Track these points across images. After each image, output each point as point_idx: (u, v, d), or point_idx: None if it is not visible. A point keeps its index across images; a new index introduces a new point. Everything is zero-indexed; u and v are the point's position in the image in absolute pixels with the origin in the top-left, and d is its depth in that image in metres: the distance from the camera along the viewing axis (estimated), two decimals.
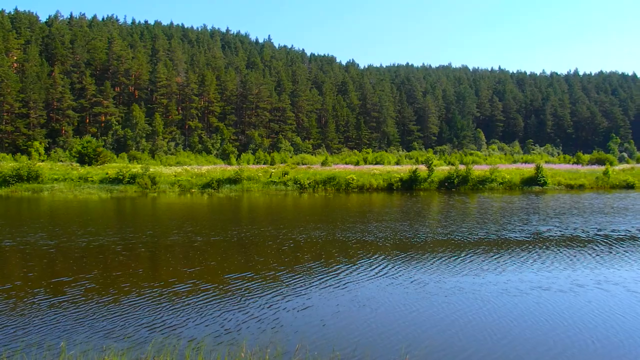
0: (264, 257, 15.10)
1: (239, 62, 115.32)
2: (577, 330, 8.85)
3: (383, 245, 16.94)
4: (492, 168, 50.40)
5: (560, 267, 13.49)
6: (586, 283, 11.87)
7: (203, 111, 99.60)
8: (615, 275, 12.69)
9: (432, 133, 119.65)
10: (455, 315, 9.63)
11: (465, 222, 22.97)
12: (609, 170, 50.80)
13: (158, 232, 20.07)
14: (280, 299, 10.56)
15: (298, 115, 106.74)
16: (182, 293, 10.98)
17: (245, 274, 12.70)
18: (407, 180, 47.55)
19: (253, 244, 17.31)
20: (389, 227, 21.20)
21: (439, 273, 12.95)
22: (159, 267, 13.98)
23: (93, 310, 9.75)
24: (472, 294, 10.95)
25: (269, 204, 34.45)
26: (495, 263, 14.03)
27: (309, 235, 18.71)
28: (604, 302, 10.39)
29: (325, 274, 12.85)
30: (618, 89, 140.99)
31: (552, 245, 16.87)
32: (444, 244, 17.06)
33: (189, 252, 15.85)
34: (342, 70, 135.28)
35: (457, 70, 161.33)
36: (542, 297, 10.75)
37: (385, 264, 13.97)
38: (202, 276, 12.52)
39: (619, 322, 9.25)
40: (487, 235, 18.83)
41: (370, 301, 10.43)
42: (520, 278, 12.31)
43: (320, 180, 47.98)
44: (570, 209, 28.22)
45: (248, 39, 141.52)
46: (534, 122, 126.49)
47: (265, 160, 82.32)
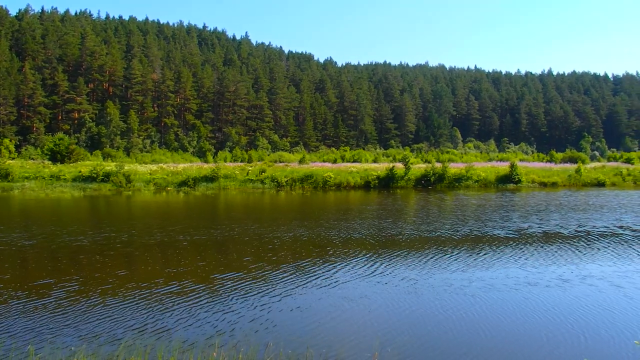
0: (240, 256, 14.88)
1: (215, 59, 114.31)
2: (568, 325, 8.89)
3: (364, 242, 16.85)
4: (468, 166, 50.82)
5: (545, 263, 13.62)
6: (572, 278, 12.00)
7: (179, 108, 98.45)
8: (599, 270, 12.86)
9: (409, 131, 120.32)
10: (444, 310, 9.63)
11: (447, 219, 23.07)
12: (581, 169, 51.67)
13: (133, 231, 19.63)
14: (254, 298, 10.41)
15: (276, 113, 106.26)
16: (156, 293, 10.73)
17: (220, 273, 12.50)
18: (384, 178, 47.64)
19: (230, 242, 17.05)
20: (371, 224, 21.14)
21: (423, 269, 12.93)
22: (134, 267, 13.65)
23: (65, 311, 9.47)
24: (461, 290, 11.01)
25: (246, 202, 34.12)
26: (481, 259, 14.13)
27: (286, 234, 18.51)
28: (591, 297, 10.50)
29: (301, 272, 12.70)
30: (590, 89, 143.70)
31: (535, 241, 17.05)
32: (429, 241, 17.09)
33: (165, 251, 15.55)
34: (320, 68, 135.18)
35: (434, 69, 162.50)
36: (530, 292, 10.83)
37: (366, 261, 13.89)
38: (178, 276, 12.28)
39: (608, 317, 9.32)
40: (470, 232, 18.96)
41: (351, 298, 10.33)
42: (507, 274, 12.40)
43: (297, 178, 47.77)
44: (548, 206, 28.59)
45: (225, 36, 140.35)
46: (509, 121, 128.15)
47: (242, 158, 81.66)
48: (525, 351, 7.85)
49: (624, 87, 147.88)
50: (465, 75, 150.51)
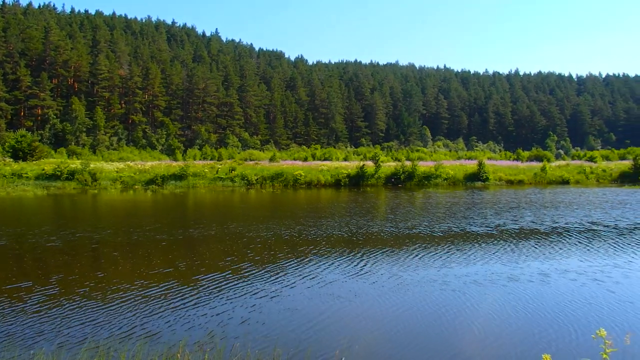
0: (209, 256, 14.59)
1: (185, 56, 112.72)
2: (554, 319, 8.95)
3: (343, 240, 16.75)
4: (437, 164, 51.40)
5: (525, 259, 13.82)
6: (552, 273, 12.19)
7: (147, 105, 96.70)
8: (578, 265, 13.08)
9: (379, 129, 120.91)
10: (424, 306, 9.68)
11: (425, 217, 23.21)
12: (546, 167, 52.79)
13: (108, 231, 19.08)
14: (222, 298, 10.21)
15: (246, 111, 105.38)
16: (120, 293, 10.40)
17: (189, 273, 12.21)
18: (354, 176, 47.78)
19: (198, 242, 16.70)
20: (349, 222, 21.07)
21: (405, 266, 12.94)
22: (99, 267, 13.19)
23: (25, 314, 9.10)
24: (445, 285, 11.08)
25: (217, 201, 33.69)
26: (462, 255, 14.27)
27: (257, 233, 18.23)
28: (574, 292, 10.65)
29: (270, 271, 12.47)
30: (555, 89, 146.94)
31: (513, 237, 17.32)
32: (409, 238, 17.14)
33: (131, 251, 15.15)
34: (290, 66, 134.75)
35: (404, 68, 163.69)
36: (514, 287, 10.96)
37: (345, 259, 13.81)
38: (143, 276, 11.94)
39: (592, 310, 9.44)
40: (449, 229, 19.13)
41: (326, 295, 10.21)
42: (489, 270, 12.53)
43: (268, 176, 47.52)
44: (520, 204, 29.12)
45: (195, 32, 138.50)
46: (477, 120, 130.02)
47: (212, 156, 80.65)
48: (509, 344, 7.86)
49: (587, 87, 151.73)
50: (435, 75, 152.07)
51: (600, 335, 4.46)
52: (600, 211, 25.01)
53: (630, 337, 7.00)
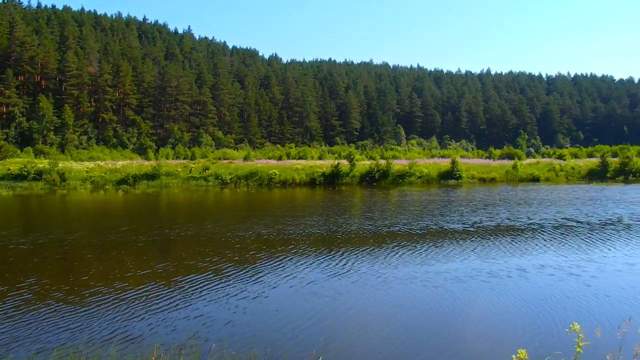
0: (186, 257, 14.30)
1: (157, 53, 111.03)
2: (533, 314, 9.01)
3: (319, 239, 16.64)
4: (411, 162, 51.69)
5: (503, 255, 13.98)
6: (530, 268, 12.35)
7: (118, 103, 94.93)
8: (555, 260, 13.28)
9: (354, 128, 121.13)
10: (405, 302, 9.70)
11: (403, 214, 23.29)
12: (517, 165, 53.59)
13: (71, 232, 18.58)
14: (200, 299, 10.01)
15: (219, 109, 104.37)
16: (97, 297, 10.11)
17: (161, 275, 11.93)
18: (329, 175, 47.73)
19: (176, 242, 16.39)
20: (328, 221, 20.99)
21: (386, 263, 12.92)
22: (73, 270, 12.82)
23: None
24: (427, 282, 11.13)
25: (192, 201, 33.23)
26: (442, 252, 14.38)
27: (236, 233, 17.99)
28: (552, 286, 10.79)
29: (250, 271, 12.26)
30: (526, 88, 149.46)
31: (490, 234, 17.52)
32: (389, 236, 17.18)
33: (106, 253, 14.78)
34: (264, 64, 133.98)
35: (378, 66, 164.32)
36: (494, 283, 11.06)
37: (324, 257, 13.71)
38: (119, 278, 11.62)
39: (570, 304, 9.56)
40: (427, 226, 19.26)
41: (306, 294, 10.08)
42: (469, 266, 12.64)
43: (242, 176, 47.15)
44: (495, 201, 29.54)
45: (167, 29, 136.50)
46: (450, 119, 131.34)
47: (185, 155, 79.59)
48: (488, 339, 7.91)
49: (557, 86, 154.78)
50: (408, 74, 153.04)
51: (573, 330, 4.53)
52: (572, 208, 25.48)
53: (600, 330, 7.02)
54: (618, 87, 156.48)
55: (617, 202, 28.33)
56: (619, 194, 33.76)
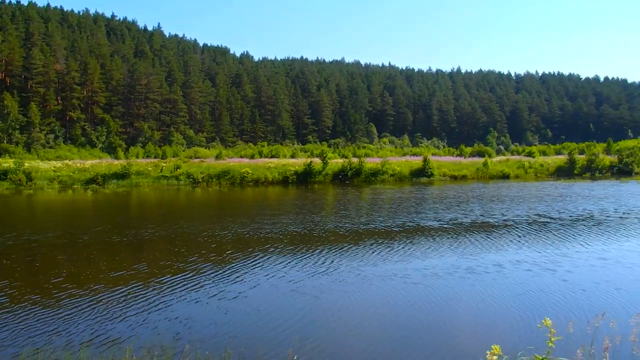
0: (157, 256, 14.04)
1: (126, 50, 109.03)
2: (510, 309, 9.11)
3: (297, 237, 16.56)
4: (384, 161, 51.98)
5: (480, 251, 14.15)
6: (507, 264, 12.51)
7: (86, 102, 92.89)
8: (530, 256, 13.48)
9: (326, 126, 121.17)
10: (382, 299, 9.73)
11: (379, 212, 23.41)
12: (488, 162, 54.38)
13: (40, 232, 18.06)
14: (170, 300, 9.83)
15: (191, 108, 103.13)
16: (68, 298, 9.86)
17: (138, 276, 11.68)
18: (302, 174, 47.66)
19: (147, 242, 16.08)
20: (305, 219, 20.93)
21: (365, 261, 12.93)
22: (41, 271, 12.46)
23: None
24: (407, 278, 11.19)
25: (162, 200, 32.74)
26: (420, 249, 14.46)
27: (214, 232, 17.78)
28: (529, 281, 10.95)
29: (217, 272, 12.10)
30: (495, 86, 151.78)
31: (466, 231, 17.70)
32: (367, 234, 17.23)
33: (74, 253, 14.41)
34: (236, 62, 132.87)
35: (350, 65, 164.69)
36: (472, 279, 11.16)
37: (303, 256, 13.62)
38: (91, 279, 11.37)
39: (547, 299, 9.72)
40: (404, 224, 19.36)
41: (283, 293, 9.96)
42: (447, 262, 12.75)
43: (214, 174, 46.74)
44: (468, 198, 29.87)
45: (136, 26, 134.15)
46: (421, 117, 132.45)
47: (156, 154, 78.36)
48: (466, 335, 7.96)
49: (525, 85, 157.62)
50: (380, 72, 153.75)
51: (545, 325, 4.58)
52: (543, 204, 25.95)
53: (572, 325, 7.14)
54: (584, 85, 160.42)
55: (586, 198, 28.98)
56: (587, 190, 34.53)
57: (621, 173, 53.36)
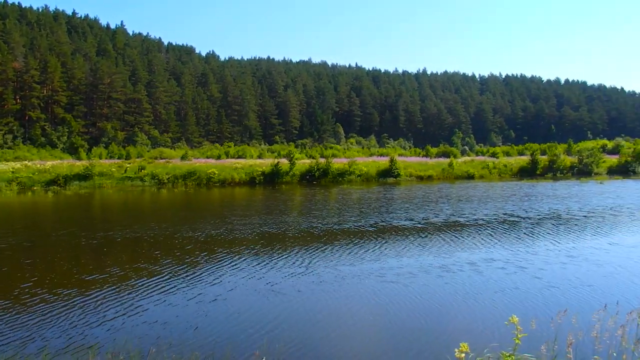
0: (126, 260, 13.65)
1: (88, 49, 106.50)
2: (483, 307, 9.22)
3: (271, 237, 16.43)
4: (351, 161, 52.17)
5: (453, 250, 14.31)
6: (480, 262, 12.66)
7: (46, 101, 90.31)
8: (503, 254, 13.70)
9: (293, 127, 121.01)
10: (355, 299, 9.72)
11: (349, 212, 23.38)
12: (453, 163, 55.17)
13: (11, 239, 17.40)
14: (137, 303, 9.62)
15: (155, 107, 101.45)
16: (38, 303, 9.54)
17: (97, 278, 11.34)
18: (269, 174, 47.45)
19: (111, 245, 15.61)
20: (277, 220, 20.77)
21: (340, 261, 12.89)
22: (7, 276, 12.01)
23: None
24: (383, 277, 11.24)
25: (128, 201, 32.06)
26: (394, 248, 14.54)
27: (179, 234, 17.44)
28: (503, 279, 11.10)
29: (183, 272, 11.89)
30: (460, 88, 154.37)
31: (438, 230, 17.87)
32: (341, 234, 17.20)
33: (38, 257, 13.87)
34: (202, 62, 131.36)
35: (316, 65, 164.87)
36: (448, 277, 11.27)
37: (278, 256, 13.53)
38: (59, 283, 11.00)
39: (520, 296, 9.84)
40: (377, 223, 19.44)
41: (254, 294, 9.78)
42: (421, 261, 12.85)
43: (180, 175, 46.10)
44: (437, 198, 30.25)
45: (98, 24, 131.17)
46: (388, 117, 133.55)
47: (119, 154, 76.74)
48: (437, 334, 8.02)
49: (489, 86, 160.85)
50: (347, 73, 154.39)
51: (512, 322, 4.62)
52: (510, 204, 26.46)
53: (538, 321, 7.24)
54: (546, 87, 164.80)
55: (551, 198, 29.68)
56: (550, 190, 35.36)
57: (581, 173, 54.87)
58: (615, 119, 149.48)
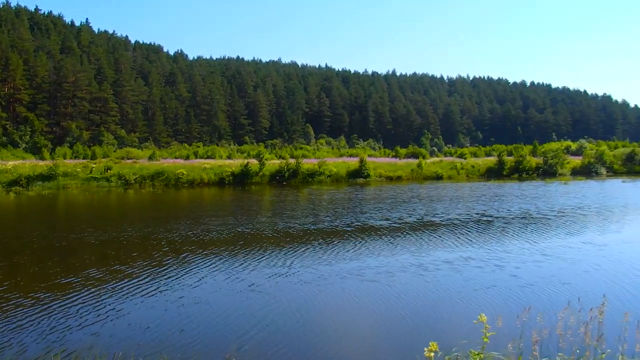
0: (94, 261, 13.26)
1: (51, 46, 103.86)
2: (459, 305, 9.29)
3: (248, 237, 16.26)
4: (321, 162, 52.23)
5: (430, 248, 14.45)
6: (457, 261, 12.80)
7: (8, 99, 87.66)
8: (479, 253, 13.86)
9: (263, 127, 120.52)
10: (329, 299, 9.69)
11: (324, 213, 23.35)
12: (422, 163, 55.79)
13: None
14: (102, 305, 9.38)
15: (122, 107, 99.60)
16: (4, 305, 9.31)
17: (74, 281, 11.01)
18: (239, 175, 47.12)
19: (80, 247, 15.19)
20: (251, 220, 20.58)
21: (319, 260, 12.85)
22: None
23: None
24: (362, 276, 11.30)
25: (93, 202, 31.36)
26: (371, 248, 14.60)
27: (136, 235, 17.09)
28: (480, 277, 11.24)
29: (162, 274, 11.64)
30: (429, 89, 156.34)
31: (414, 229, 18.00)
32: (316, 234, 17.12)
33: (5, 260, 13.39)
34: (170, 61, 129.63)
35: (286, 65, 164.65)
36: (428, 276, 11.34)
37: (256, 256, 13.42)
38: (24, 285, 10.69)
39: (497, 294, 9.94)
40: (353, 223, 19.45)
41: (235, 295, 9.63)
42: (399, 260, 12.90)
43: (147, 176, 45.36)
44: (410, 198, 30.46)
45: (62, 21, 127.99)
46: (358, 118, 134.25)
47: (85, 154, 75.02)
48: (410, 333, 8.05)
49: (457, 88, 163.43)
50: (317, 73, 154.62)
51: (481, 320, 4.67)
52: (481, 204, 26.84)
53: (504, 319, 7.32)
54: (512, 89, 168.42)
55: (520, 198, 30.24)
56: (518, 190, 36.02)
57: (546, 174, 56.13)
58: (579, 121, 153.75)
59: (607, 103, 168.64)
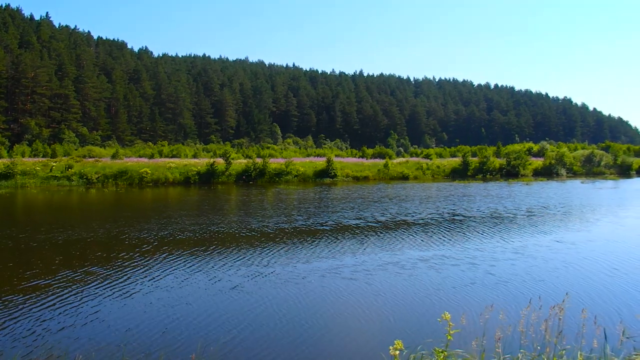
0: (67, 262, 12.83)
1: (9, 40, 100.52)
2: (436, 303, 9.33)
3: (221, 238, 16.01)
4: (288, 161, 52.13)
5: (407, 247, 14.53)
6: (433, 259, 12.90)
7: None
8: (453, 251, 13.98)
9: (229, 126, 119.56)
10: (302, 298, 9.67)
11: (296, 212, 23.25)
12: (389, 164, 56.28)
13: None
14: (62, 307, 9.10)
15: (84, 104, 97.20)
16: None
17: (50, 283, 10.66)
18: (204, 174, 46.65)
19: (50, 248, 14.66)
20: (220, 220, 20.27)
21: (296, 258, 12.75)
22: None
23: None
24: (339, 274, 11.34)
25: (53, 202, 30.49)
26: (347, 246, 14.64)
27: (107, 235, 16.65)
28: (458, 275, 11.34)
29: (130, 275, 11.35)
30: (396, 90, 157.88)
31: (388, 228, 18.11)
32: (292, 233, 17.04)
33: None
34: (134, 57, 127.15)
35: (253, 64, 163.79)
36: (405, 274, 11.37)
37: (232, 255, 13.32)
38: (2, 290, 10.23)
39: (474, 292, 10.02)
40: (326, 222, 19.44)
41: (203, 294, 9.47)
42: (375, 259, 12.94)
43: (110, 175, 44.41)
44: (381, 198, 30.65)
45: (20, 15, 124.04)
46: (325, 118, 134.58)
47: (44, 152, 72.92)
48: (385, 330, 8.08)
49: (423, 89, 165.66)
50: (284, 73, 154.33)
51: (444, 319, 4.75)
52: (450, 203, 27.17)
53: (466, 317, 7.42)
54: (477, 91, 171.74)
55: (486, 197, 30.76)
56: (483, 190, 36.63)
57: (509, 175, 57.35)
58: (541, 123, 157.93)
59: (567, 106, 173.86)
